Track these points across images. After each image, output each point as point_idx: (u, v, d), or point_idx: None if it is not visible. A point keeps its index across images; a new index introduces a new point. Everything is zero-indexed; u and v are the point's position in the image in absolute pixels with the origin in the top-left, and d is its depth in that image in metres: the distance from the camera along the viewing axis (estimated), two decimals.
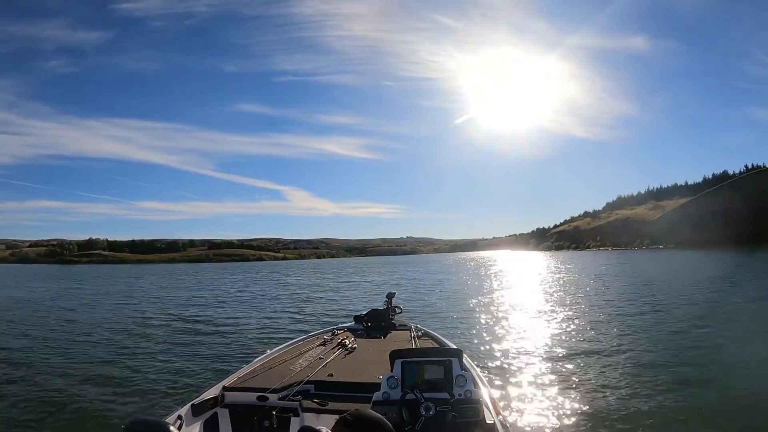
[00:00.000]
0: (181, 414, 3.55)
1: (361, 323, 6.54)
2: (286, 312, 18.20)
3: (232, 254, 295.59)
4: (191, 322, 15.77)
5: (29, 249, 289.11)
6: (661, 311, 15.01)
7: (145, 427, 2.24)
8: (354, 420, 2.03)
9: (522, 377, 8.18)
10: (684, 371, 8.15)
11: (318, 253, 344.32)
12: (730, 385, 7.26)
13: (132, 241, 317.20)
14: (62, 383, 8.25)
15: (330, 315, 16.70)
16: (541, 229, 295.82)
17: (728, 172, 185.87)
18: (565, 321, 14.00)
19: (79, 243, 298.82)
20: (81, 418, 6.51)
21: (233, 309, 19.69)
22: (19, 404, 7.13)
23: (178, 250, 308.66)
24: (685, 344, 10.23)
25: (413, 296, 23.05)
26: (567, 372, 8.41)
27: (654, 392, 7.06)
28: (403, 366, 3.52)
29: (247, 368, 4.63)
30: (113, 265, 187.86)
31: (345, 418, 2.01)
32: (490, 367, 8.79)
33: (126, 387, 7.96)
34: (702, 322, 12.71)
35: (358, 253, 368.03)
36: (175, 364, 9.58)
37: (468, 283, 33.14)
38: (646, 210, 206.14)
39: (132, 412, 6.57)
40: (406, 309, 8.54)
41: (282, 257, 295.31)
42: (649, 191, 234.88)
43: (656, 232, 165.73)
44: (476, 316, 15.77)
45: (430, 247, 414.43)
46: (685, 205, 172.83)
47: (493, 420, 3.40)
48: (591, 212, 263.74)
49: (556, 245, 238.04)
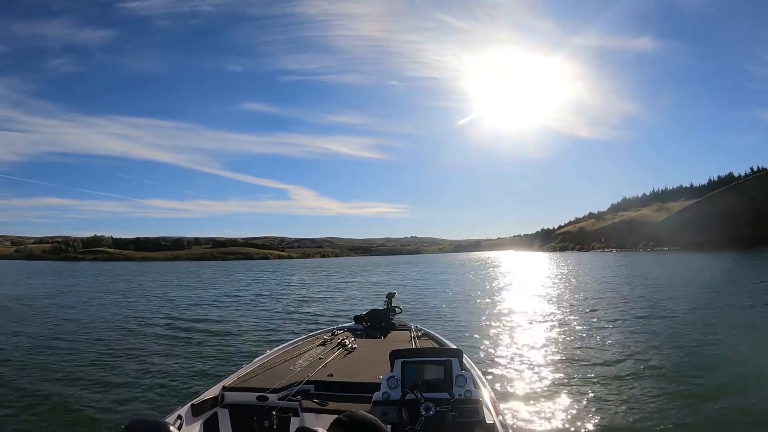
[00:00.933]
0: (181, 414, 3.55)
1: (361, 323, 6.53)
2: (287, 312, 18.20)
3: (236, 253, 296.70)
4: (191, 321, 15.75)
5: (34, 246, 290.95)
6: (666, 314, 14.87)
7: (145, 427, 2.25)
8: (349, 421, 2.06)
9: (522, 378, 8.16)
10: (689, 375, 8.05)
11: (322, 252, 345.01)
12: (738, 391, 7.12)
13: (137, 238, 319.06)
14: (61, 383, 8.23)
15: (330, 315, 16.68)
16: (546, 230, 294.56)
17: (734, 174, 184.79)
18: (568, 323, 13.94)
19: (84, 240, 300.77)
20: (81, 418, 6.47)
21: (234, 308, 19.70)
22: (18, 404, 7.09)
23: (182, 248, 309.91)
24: (691, 348, 10.08)
25: (416, 297, 22.99)
26: (568, 373, 8.38)
27: (655, 393, 7.03)
28: (403, 366, 3.50)
29: (247, 368, 4.63)
30: (118, 262, 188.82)
31: (340, 419, 2.05)
32: (490, 367, 8.76)
33: (126, 387, 7.95)
34: (707, 327, 12.55)
35: (363, 252, 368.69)
36: (174, 364, 9.58)
37: (472, 284, 33.06)
38: (651, 212, 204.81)
39: (132, 412, 6.57)
40: (409, 311, 8.53)
41: (286, 256, 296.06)
42: (654, 193, 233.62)
43: (661, 233, 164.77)
44: (478, 316, 15.74)
45: (435, 247, 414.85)
46: (690, 207, 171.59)
47: (493, 420, 3.39)
48: (596, 213, 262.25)
49: (560, 246, 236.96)
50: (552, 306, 18.11)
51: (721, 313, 14.65)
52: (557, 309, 17.10)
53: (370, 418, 2.10)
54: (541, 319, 14.91)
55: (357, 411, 2.18)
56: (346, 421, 2.05)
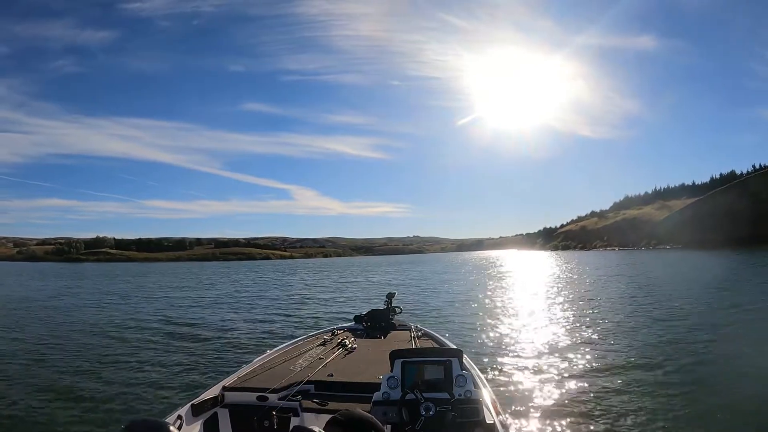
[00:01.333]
0: (181, 414, 3.56)
1: (361, 323, 6.54)
2: (287, 312, 18.15)
3: (238, 253, 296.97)
4: (191, 321, 15.76)
5: (36, 247, 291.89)
6: (670, 313, 14.83)
7: (145, 427, 2.23)
8: (345, 420, 2.07)
9: (522, 378, 8.13)
10: (693, 375, 8.01)
11: (325, 252, 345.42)
12: (742, 391, 7.05)
13: (139, 239, 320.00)
14: (61, 383, 8.24)
15: (330, 315, 16.67)
16: (548, 229, 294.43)
17: (736, 172, 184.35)
18: (570, 323, 13.91)
19: (86, 241, 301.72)
20: (80, 418, 6.47)
21: (234, 309, 19.67)
22: (17, 404, 7.08)
23: (184, 249, 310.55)
24: (695, 349, 9.99)
25: (417, 298, 22.96)
26: (568, 373, 8.34)
27: (656, 395, 6.99)
28: (403, 366, 3.51)
29: (247, 368, 4.63)
30: (120, 263, 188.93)
31: (336, 418, 2.06)
32: (490, 367, 8.73)
33: (126, 387, 7.94)
34: (714, 327, 12.47)
35: (365, 252, 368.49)
36: (175, 364, 9.58)
37: (474, 283, 33.01)
38: (653, 210, 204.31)
39: (132, 412, 6.56)
40: (410, 311, 8.49)
41: (289, 256, 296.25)
42: (657, 191, 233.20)
43: (663, 232, 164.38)
44: (480, 316, 15.71)
45: (437, 247, 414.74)
46: (692, 205, 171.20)
47: (493, 420, 3.39)
48: (598, 212, 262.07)
49: (562, 245, 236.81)
50: (554, 306, 18.09)
51: (727, 314, 14.50)
52: (559, 309, 17.07)
53: (367, 417, 2.10)
54: (543, 318, 14.88)
55: (353, 410, 2.19)
56: (342, 420, 2.05)
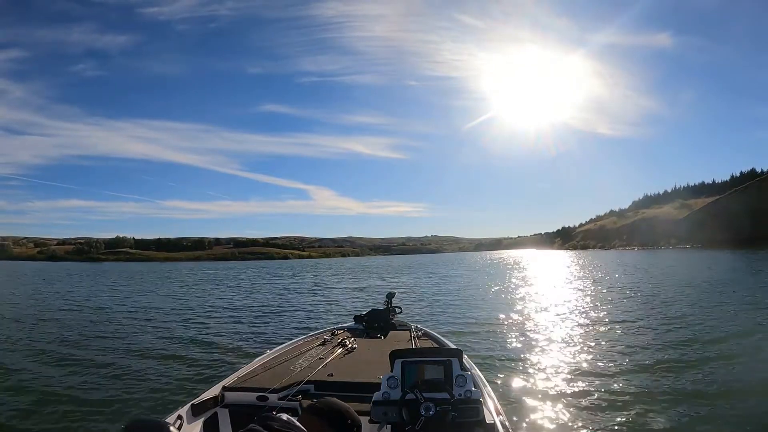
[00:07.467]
0: (181, 414, 3.57)
1: (361, 323, 6.53)
2: (286, 312, 18.06)
3: (257, 253, 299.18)
4: (192, 321, 15.75)
5: (57, 247, 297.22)
6: (684, 313, 14.48)
7: (145, 427, 2.23)
8: (322, 407, 2.17)
9: (523, 378, 8.03)
10: (698, 376, 7.83)
11: (343, 252, 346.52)
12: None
13: (158, 239, 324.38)
14: (60, 382, 8.21)
15: (330, 315, 16.56)
16: (567, 228, 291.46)
17: (756, 170, 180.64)
18: (577, 323, 13.63)
19: (106, 241, 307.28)
20: (80, 418, 6.45)
21: (235, 309, 19.58)
22: (16, 404, 7.06)
23: (204, 249, 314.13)
24: (707, 349, 9.70)
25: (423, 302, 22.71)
26: (569, 374, 8.19)
27: (658, 395, 6.83)
28: (403, 366, 3.46)
29: (247, 368, 4.64)
30: (140, 262, 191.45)
31: (314, 405, 2.05)
32: (490, 367, 8.62)
33: (125, 386, 7.91)
34: (720, 325, 12.22)
35: (383, 251, 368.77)
36: (175, 364, 9.56)
37: (494, 286, 32.78)
38: (673, 209, 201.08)
39: (132, 412, 6.57)
40: (410, 312, 8.41)
41: (307, 256, 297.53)
42: (676, 190, 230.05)
43: (683, 231, 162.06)
44: (482, 315, 15.58)
45: (455, 246, 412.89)
46: (712, 203, 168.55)
47: (494, 420, 3.37)
48: (617, 211, 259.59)
49: (581, 244, 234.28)
50: (566, 307, 17.75)
51: (744, 313, 14.15)
52: (570, 310, 16.72)
53: (345, 407, 2.18)
54: (549, 319, 14.59)
55: (330, 398, 2.29)
56: (320, 408, 2.13)
